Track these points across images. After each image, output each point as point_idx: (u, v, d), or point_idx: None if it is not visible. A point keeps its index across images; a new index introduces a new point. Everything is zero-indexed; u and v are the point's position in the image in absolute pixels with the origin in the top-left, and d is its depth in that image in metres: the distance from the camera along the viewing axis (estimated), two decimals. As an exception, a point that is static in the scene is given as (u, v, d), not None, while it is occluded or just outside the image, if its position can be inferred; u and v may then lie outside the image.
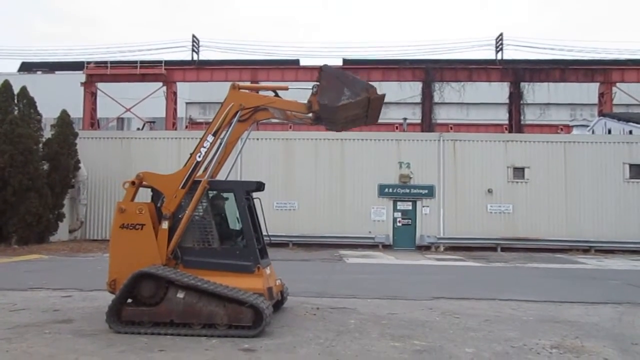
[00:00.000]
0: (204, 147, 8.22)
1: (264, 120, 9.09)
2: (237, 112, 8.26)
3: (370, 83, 7.95)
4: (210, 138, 8.24)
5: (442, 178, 24.53)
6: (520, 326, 8.52)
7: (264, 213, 8.97)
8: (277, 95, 8.49)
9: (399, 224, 24.54)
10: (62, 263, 17.19)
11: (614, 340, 7.74)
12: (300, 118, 8.50)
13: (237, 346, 6.98)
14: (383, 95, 8.00)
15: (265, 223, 8.96)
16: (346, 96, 7.49)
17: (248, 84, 8.56)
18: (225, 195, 8.71)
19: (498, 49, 34.01)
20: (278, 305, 9.09)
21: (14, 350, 6.69)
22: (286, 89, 8.60)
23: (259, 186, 8.81)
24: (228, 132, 8.30)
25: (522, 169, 24.53)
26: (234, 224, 8.75)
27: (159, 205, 8.27)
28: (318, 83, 7.82)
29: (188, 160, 8.31)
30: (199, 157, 8.20)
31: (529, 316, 9.36)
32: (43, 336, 7.42)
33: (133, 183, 8.33)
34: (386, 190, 24.54)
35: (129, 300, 7.83)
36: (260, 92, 8.81)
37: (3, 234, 21.22)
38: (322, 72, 7.78)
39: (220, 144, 8.33)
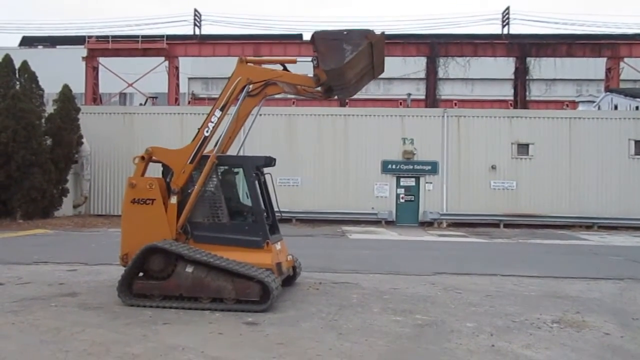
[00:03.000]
0: (212, 122, 8.18)
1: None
2: (244, 87, 8.17)
3: (372, 30, 7.60)
4: (217, 113, 8.20)
5: (445, 154, 24.43)
6: (522, 301, 8.57)
7: (275, 188, 8.98)
8: (285, 69, 8.36)
9: (402, 200, 24.56)
10: (67, 238, 17.33)
11: (615, 315, 7.79)
12: (311, 92, 8.36)
13: (241, 320, 7.06)
14: (383, 34, 7.74)
15: (277, 198, 8.97)
16: (348, 51, 7.26)
17: (255, 58, 8.39)
18: (235, 170, 8.71)
19: (504, 23, 33.46)
20: (290, 280, 9.15)
21: (21, 323, 6.78)
22: (294, 62, 8.43)
23: (269, 161, 8.77)
24: (238, 106, 8.23)
25: (527, 145, 24.39)
26: (244, 199, 8.78)
27: (168, 180, 8.28)
28: (316, 54, 7.61)
29: (196, 136, 8.27)
30: (207, 132, 8.16)
31: (530, 291, 9.42)
32: (49, 309, 7.52)
33: (143, 158, 8.35)
34: (389, 166, 24.48)
35: (140, 274, 7.92)
36: (269, 66, 8.61)
37: (8, 209, 21.34)
38: (315, 40, 7.53)
39: (229, 119, 8.28)
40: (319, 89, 8.12)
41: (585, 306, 8.30)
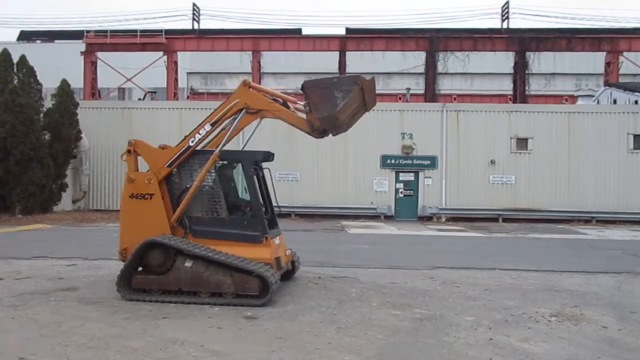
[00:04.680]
0: (199, 134, 8.18)
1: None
2: (241, 109, 8.16)
3: (361, 76, 7.74)
4: (207, 127, 8.20)
5: (444, 149, 24.42)
6: (520, 295, 8.60)
7: (273, 183, 8.98)
8: (286, 105, 8.32)
9: (401, 195, 24.58)
10: (66, 232, 17.34)
11: (613, 308, 7.82)
12: (305, 132, 8.35)
13: (240, 314, 7.08)
14: (373, 79, 7.88)
15: (275, 193, 8.98)
16: (339, 98, 7.37)
17: (259, 85, 8.39)
18: (234, 165, 8.71)
19: (504, 18, 33.43)
20: (289, 275, 9.17)
21: (20, 317, 6.80)
22: (295, 102, 8.33)
23: (267, 156, 8.77)
24: (237, 121, 8.19)
25: (526, 139, 24.38)
26: (243, 194, 8.78)
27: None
28: (307, 102, 7.62)
29: (181, 142, 8.29)
30: (192, 141, 8.17)
31: (528, 285, 9.44)
32: (48, 303, 7.53)
33: (129, 152, 8.36)
34: (389, 161, 24.48)
35: (139, 269, 7.94)
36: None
37: (7, 204, 21.34)
38: (305, 89, 7.59)
39: (218, 133, 8.29)
40: (313, 132, 8.12)
41: (583, 300, 8.33)
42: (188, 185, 8.18)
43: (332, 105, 7.41)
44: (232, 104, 8.17)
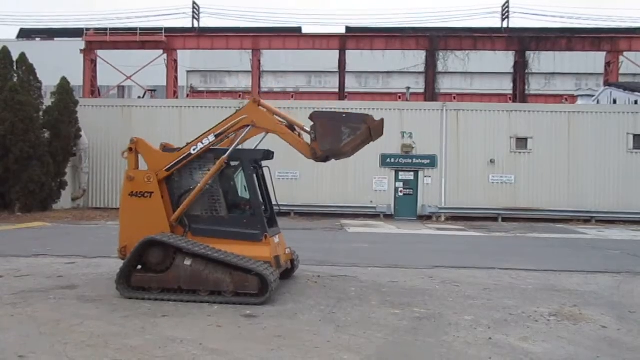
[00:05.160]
0: (202, 143, 8.17)
1: (265, 89, 8.95)
2: (247, 125, 8.15)
3: (367, 114, 7.77)
4: (211, 137, 8.19)
5: (444, 148, 24.42)
6: (519, 294, 8.61)
7: (273, 182, 8.98)
8: (291, 128, 8.31)
9: (400, 194, 24.57)
10: (66, 230, 17.33)
11: (612, 308, 7.83)
12: (307, 157, 8.31)
13: (240, 312, 7.08)
14: (382, 120, 7.82)
15: (275, 192, 8.98)
16: (346, 134, 7.40)
17: (269, 104, 8.39)
18: (233, 164, 8.72)
19: (504, 17, 33.40)
20: (288, 274, 9.18)
21: (19, 315, 6.79)
22: (302, 127, 8.28)
23: (267, 155, 8.77)
24: (242, 135, 8.22)
25: (525, 139, 24.38)
26: (243, 192, 8.78)
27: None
28: (314, 130, 7.60)
29: (183, 147, 8.29)
30: (194, 149, 8.17)
31: (528, 285, 9.45)
32: (48, 301, 7.53)
33: (130, 149, 8.36)
34: (388, 160, 24.47)
35: (139, 267, 7.94)
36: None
37: (6, 202, 21.32)
38: (313, 120, 7.60)
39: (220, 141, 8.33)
40: (316, 158, 8.13)
41: (582, 299, 8.34)
42: (191, 187, 8.18)
43: (337, 139, 7.43)
44: (239, 119, 8.16)
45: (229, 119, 8.31)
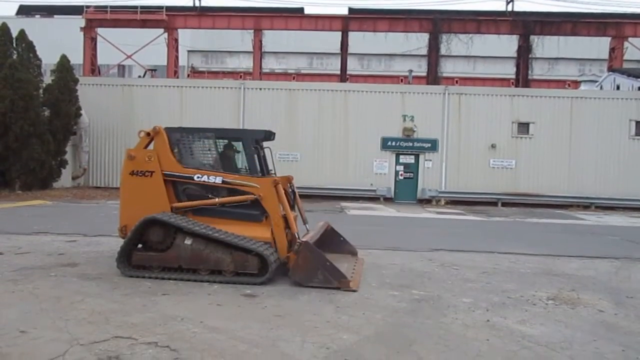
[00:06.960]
0: (208, 178, 8.05)
1: (267, 70, 8.86)
2: (252, 194, 7.98)
3: (347, 279, 7.47)
4: (219, 179, 8.06)
5: (445, 132, 24.35)
6: (518, 278, 8.65)
7: (274, 163, 8.95)
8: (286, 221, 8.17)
9: (400, 177, 24.58)
10: (66, 209, 17.37)
11: (610, 293, 7.88)
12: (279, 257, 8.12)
13: (240, 292, 7.13)
14: (355, 288, 7.54)
15: (276, 173, 8.96)
16: (318, 280, 7.40)
17: (284, 194, 8.32)
18: (234, 143, 8.69)
19: (509, 1, 32.99)
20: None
21: (20, 292, 6.84)
22: (294, 231, 8.20)
23: (268, 135, 8.73)
24: (245, 197, 8.09)
25: (527, 124, 24.29)
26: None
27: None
28: (297, 251, 7.51)
29: (190, 168, 8.15)
30: (197, 178, 8.05)
31: (526, 269, 9.49)
32: (48, 278, 7.58)
33: (148, 134, 8.25)
34: (389, 143, 24.41)
35: (139, 246, 7.96)
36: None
37: (6, 180, 21.32)
38: (301, 248, 7.49)
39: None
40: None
41: (580, 284, 8.38)
42: (209, 196, 8.11)
43: (307, 278, 7.44)
44: (251, 185, 7.99)
45: (242, 178, 8.12)
